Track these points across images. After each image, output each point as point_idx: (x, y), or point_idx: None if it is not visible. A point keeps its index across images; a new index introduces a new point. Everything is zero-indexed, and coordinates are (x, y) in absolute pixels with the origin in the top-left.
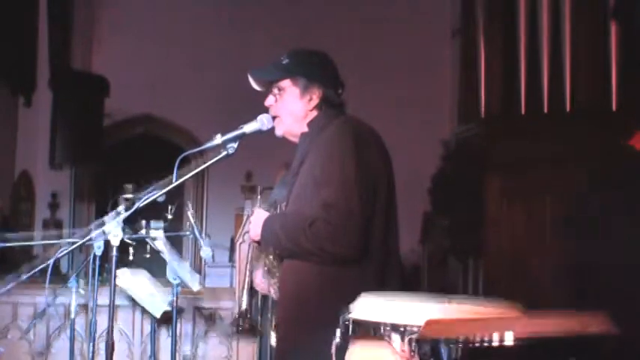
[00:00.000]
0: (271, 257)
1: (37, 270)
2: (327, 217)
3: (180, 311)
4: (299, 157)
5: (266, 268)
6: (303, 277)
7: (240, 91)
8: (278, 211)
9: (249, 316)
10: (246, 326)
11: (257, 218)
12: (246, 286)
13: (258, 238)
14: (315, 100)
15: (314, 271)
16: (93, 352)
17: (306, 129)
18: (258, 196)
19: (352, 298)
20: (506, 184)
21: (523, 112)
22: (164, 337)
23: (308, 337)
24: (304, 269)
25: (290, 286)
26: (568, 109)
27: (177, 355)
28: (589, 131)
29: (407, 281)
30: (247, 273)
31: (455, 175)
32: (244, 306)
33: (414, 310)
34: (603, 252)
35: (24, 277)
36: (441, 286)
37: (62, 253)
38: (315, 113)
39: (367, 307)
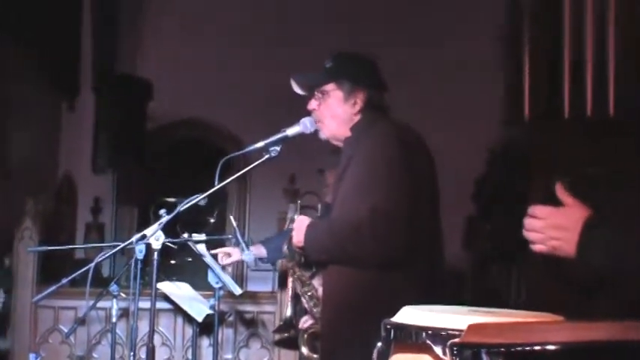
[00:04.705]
0: (298, 268)
1: (77, 274)
2: (373, 222)
3: (222, 315)
4: (343, 162)
5: (296, 276)
6: (348, 282)
7: (286, 94)
8: None
9: (293, 323)
10: (290, 334)
11: (300, 224)
12: (289, 294)
13: (301, 244)
14: (360, 104)
15: (358, 276)
16: (134, 357)
17: (350, 133)
18: (298, 201)
19: (397, 302)
20: (551, 188)
21: (567, 116)
22: (206, 343)
23: (352, 341)
24: (349, 274)
25: (334, 291)
26: (611, 113)
27: (219, 359)
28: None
29: (450, 287)
30: (290, 281)
31: (498, 179)
32: (289, 313)
33: (456, 316)
34: None
35: (64, 281)
36: (485, 292)
37: (103, 257)
38: (359, 117)
39: (409, 313)
